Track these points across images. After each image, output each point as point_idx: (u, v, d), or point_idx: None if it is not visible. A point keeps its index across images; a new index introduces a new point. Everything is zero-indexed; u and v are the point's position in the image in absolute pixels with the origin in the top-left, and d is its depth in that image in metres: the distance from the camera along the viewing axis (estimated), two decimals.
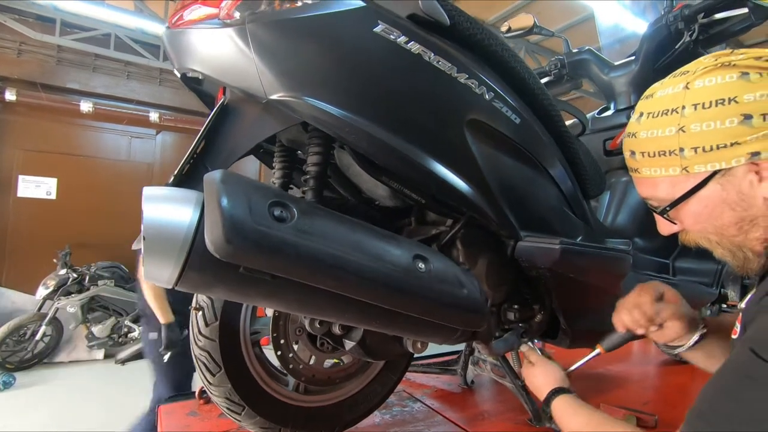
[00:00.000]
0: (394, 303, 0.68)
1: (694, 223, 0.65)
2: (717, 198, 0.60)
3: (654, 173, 0.65)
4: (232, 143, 0.77)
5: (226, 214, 0.53)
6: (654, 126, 0.64)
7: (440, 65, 0.74)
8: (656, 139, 0.63)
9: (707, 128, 0.58)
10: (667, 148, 0.62)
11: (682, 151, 0.60)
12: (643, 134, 0.65)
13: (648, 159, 0.65)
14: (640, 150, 0.66)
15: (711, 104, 0.58)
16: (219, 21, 0.71)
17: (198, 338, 0.87)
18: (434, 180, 0.76)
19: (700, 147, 0.59)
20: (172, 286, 0.58)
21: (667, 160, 0.62)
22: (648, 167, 0.66)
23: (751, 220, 0.59)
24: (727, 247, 0.64)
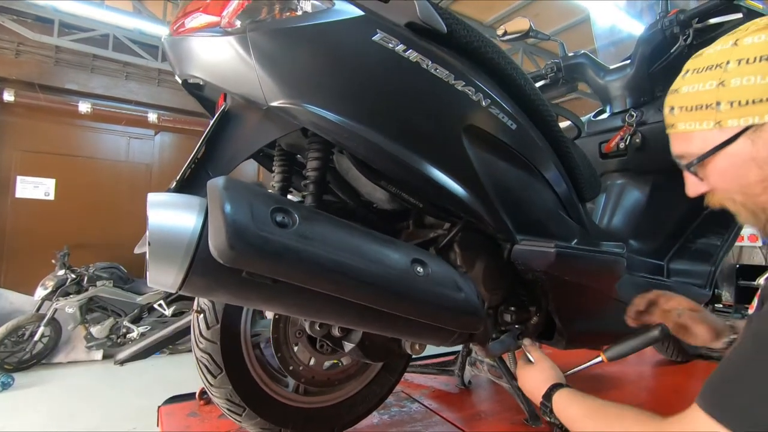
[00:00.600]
0: (393, 306, 0.69)
1: (721, 182, 0.65)
2: (746, 154, 0.60)
3: (688, 127, 0.65)
4: (233, 149, 0.78)
5: (229, 220, 0.54)
6: (696, 81, 0.64)
7: (438, 73, 0.76)
8: (695, 94, 0.64)
9: (747, 83, 0.58)
10: (704, 102, 0.62)
11: (718, 104, 0.61)
12: (685, 89, 0.66)
13: (685, 113, 0.66)
14: (678, 105, 0.67)
15: (756, 60, 0.58)
16: (220, 29, 0.72)
17: (199, 341, 0.89)
18: (432, 185, 0.77)
19: (736, 101, 0.59)
20: (175, 291, 0.59)
21: (703, 114, 0.63)
22: (684, 122, 0.66)
23: None
24: (750, 208, 0.64)
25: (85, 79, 5.54)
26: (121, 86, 5.77)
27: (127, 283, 4.78)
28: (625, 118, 1.56)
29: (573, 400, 0.77)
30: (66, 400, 3.73)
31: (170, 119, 5.88)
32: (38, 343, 4.33)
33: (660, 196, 1.53)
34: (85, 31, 5.18)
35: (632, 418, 0.65)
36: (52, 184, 5.41)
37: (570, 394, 0.78)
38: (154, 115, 5.71)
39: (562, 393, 0.79)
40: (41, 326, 4.28)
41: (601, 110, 1.75)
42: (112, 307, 4.61)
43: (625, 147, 1.54)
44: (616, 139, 1.57)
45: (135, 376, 4.15)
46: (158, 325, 4.51)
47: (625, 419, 0.66)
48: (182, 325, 2.38)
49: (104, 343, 4.56)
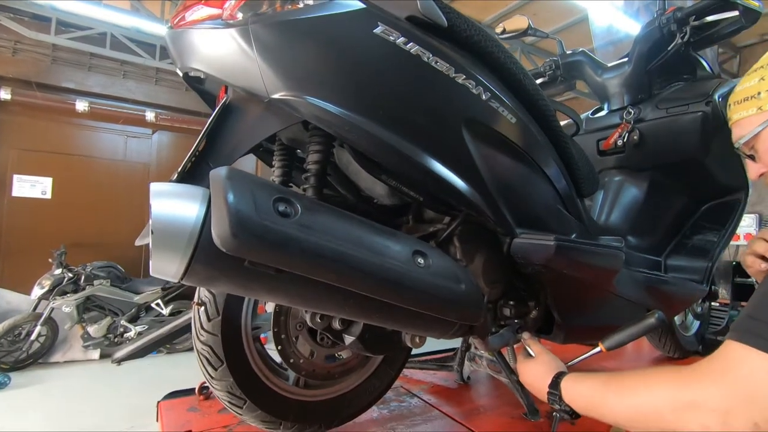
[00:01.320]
0: (394, 297, 0.70)
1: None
2: None
3: (739, 116, 0.83)
4: (234, 141, 0.79)
5: (233, 209, 0.55)
6: (745, 81, 0.84)
7: (438, 66, 0.76)
8: (744, 90, 0.83)
9: None
10: (750, 94, 0.81)
11: (759, 94, 0.79)
12: (738, 88, 0.85)
13: (736, 106, 0.84)
14: (733, 101, 0.86)
15: None
16: (222, 21, 0.72)
17: (200, 333, 0.89)
18: (432, 178, 0.78)
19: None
20: (178, 280, 0.60)
21: (748, 104, 0.81)
22: (736, 112, 0.84)
23: None
24: None
25: (82, 77, 5.53)
26: (119, 85, 5.76)
27: (124, 282, 4.76)
28: (623, 115, 1.57)
29: (582, 379, 0.76)
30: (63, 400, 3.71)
31: (168, 118, 5.86)
32: (35, 342, 4.31)
33: (657, 193, 1.54)
34: (83, 30, 5.17)
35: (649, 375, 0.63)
36: (49, 182, 5.40)
37: (576, 376, 0.78)
38: (152, 114, 5.70)
39: (569, 378, 0.79)
40: (38, 325, 4.26)
41: (599, 108, 1.76)
42: (109, 306, 4.59)
43: (623, 144, 1.55)
44: (614, 136, 1.58)
45: (132, 375, 4.14)
46: (156, 324, 4.50)
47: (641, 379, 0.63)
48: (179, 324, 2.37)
49: (101, 342, 4.55)
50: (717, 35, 1.49)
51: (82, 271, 4.51)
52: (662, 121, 1.49)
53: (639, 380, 0.64)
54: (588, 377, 0.75)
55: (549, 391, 0.81)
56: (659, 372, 0.62)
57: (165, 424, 1.19)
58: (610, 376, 0.70)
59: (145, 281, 4.85)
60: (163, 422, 1.20)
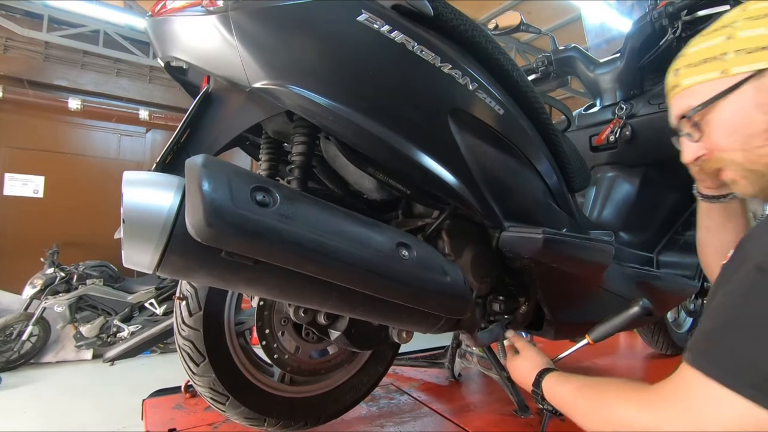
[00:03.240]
0: (377, 289, 0.68)
1: (724, 135, 0.64)
2: (750, 101, 0.60)
3: (693, 80, 0.66)
4: (216, 132, 0.77)
5: (207, 198, 0.53)
6: (703, 41, 0.66)
7: (424, 55, 0.75)
8: (702, 50, 0.65)
9: (753, 33, 0.59)
10: (711, 55, 0.63)
11: (724, 54, 0.62)
12: (692, 50, 0.67)
13: (690, 69, 0.66)
14: (684, 64, 0.68)
15: (761, 16, 0.60)
16: (202, 8, 0.71)
17: (182, 328, 0.87)
18: (418, 170, 0.76)
19: (743, 49, 0.60)
20: (152, 271, 0.58)
21: (708, 66, 0.63)
22: (688, 77, 0.67)
23: None
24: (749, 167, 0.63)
25: (75, 75, 5.49)
26: (112, 83, 5.72)
27: (117, 281, 4.73)
28: (615, 110, 1.57)
29: (560, 382, 0.76)
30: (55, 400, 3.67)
31: (162, 116, 5.83)
32: (26, 342, 4.27)
33: (650, 189, 1.54)
34: (75, 27, 5.13)
35: (616, 390, 0.62)
36: (41, 181, 5.35)
37: (557, 377, 0.78)
38: (146, 113, 5.66)
39: (549, 378, 0.79)
40: (30, 325, 4.22)
41: (592, 104, 1.75)
42: (102, 305, 4.55)
43: (615, 140, 1.54)
44: (607, 131, 1.57)
45: (125, 375, 4.11)
46: (149, 324, 4.46)
47: (608, 392, 0.63)
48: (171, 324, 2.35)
49: (94, 342, 4.51)
50: None
51: (75, 271, 4.47)
52: (654, 116, 1.49)
53: (608, 394, 0.63)
54: (566, 380, 0.75)
55: (532, 390, 0.81)
56: (627, 389, 0.61)
57: (149, 422, 1.17)
58: (585, 384, 0.70)
59: (138, 281, 4.81)
60: (147, 420, 1.18)
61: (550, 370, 0.81)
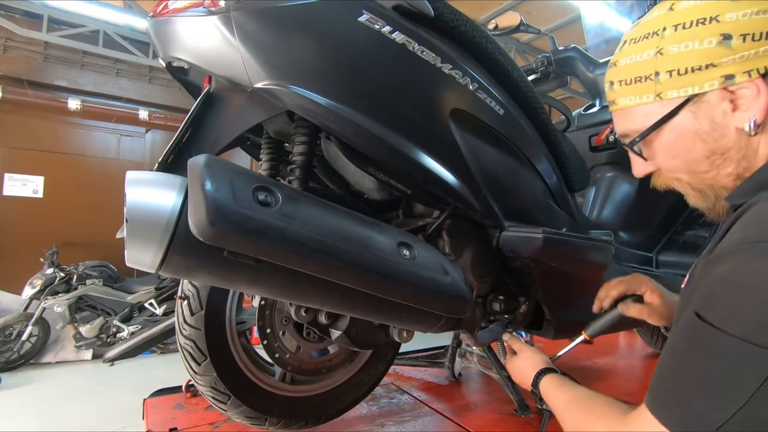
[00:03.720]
0: (378, 288, 0.68)
1: (666, 159, 0.62)
2: (689, 128, 0.57)
3: (629, 102, 0.61)
4: (217, 132, 0.77)
5: (210, 197, 0.53)
6: (633, 51, 0.60)
7: (424, 55, 0.75)
8: (634, 65, 0.60)
9: (684, 49, 0.55)
10: (643, 74, 0.59)
11: (657, 75, 0.57)
12: (623, 61, 0.62)
13: (624, 87, 0.61)
14: (618, 79, 0.62)
15: (692, 24, 0.54)
16: (204, 9, 0.71)
17: (183, 327, 0.87)
18: (419, 169, 0.77)
19: (675, 70, 0.56)
20: (155, 270, 0.58)
21: (642, 87, 0.59)
22: (624, 96, 0.62)
23: (723, 152, 0.57)
24: (698, 187, 0.63)
25: (74, 75, 5.48)
26: (112, 83, 5.71)
27: (117, 281, 4.72)
28: None
29: (556, 387, 0.76)
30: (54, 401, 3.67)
31: (161, 117, 5.82)
32: (26, 342, 4.26)
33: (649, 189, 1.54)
34: (75, 27, 5.13)
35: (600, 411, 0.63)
36: (41, 181, 5.34)
37: (554, 380, 0.78)
38: (145, 113, 5.65)
39: (547, 379, 0.79)
40: (29, 325, 4.21)
41: (591, 104, 1.76)
42: (101, 306, 4.55)
43: (615, 140, 1.55)
44: (606, 132, 1.57)
45: (125, 375, 4.10)
46: (149, 324, 4.45)
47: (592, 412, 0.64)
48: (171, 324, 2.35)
49: (94, 342, 4.50)
50: None
51: (74, 271, 4.47)
52: None
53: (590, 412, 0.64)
54: (561, 387, 0.75)
55: (531, 390, 0.81)
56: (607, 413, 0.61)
57: (150, 421, 1.17)
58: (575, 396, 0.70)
59: (138, 281, 4.81)
60: (148, 420, 1.18)
61: (549, 370, 0.81)
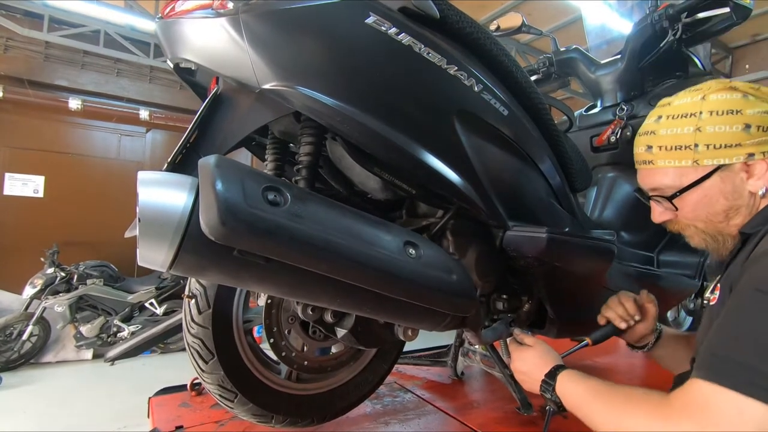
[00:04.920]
0: (385, 287, 0.69)
1: (691, 211, 0.78)
2: (716, 189, 0.75)
3: (668, 164, 0.78)
4: (225, 132, 0.78)
5: (221, 197, 0.54)
6: (674, 125, 0.77)
7: (430, 57, 0.76)
8: (675, 136, 0.77)
9: (719, 130, 0.73)
10: (684, 143, 0.75)
11: (696, 146, 0.74)
12: (663, 131, 0.79)
13: (664, 152, 0.78)
14: (657, 144, 0.79)
15: (723, 112, 0.73)
16: (212, 11, 0.72)
17: (191, 326, 0.88)
18: (424, 170, 0.77)
19: (711, 144, 0.73)
20: (166, 269, 0.59)
21: (682, 153, 0.76)
22: (663, 159, 0.78)
23: (737, 208, 0.75)
24: (710, 233, 0.79)
25: (75, 75, 5.49)
26: (112, 83, 5.72)
27: (117, 281, 4.73)
28: (616, 111, 1.58)
29: (577, 380, 0.78)
30: (55, 400, 3.68)
31: (162, 116, 5.83)
32: (27, 342, 4.27)
33: None
34: (76, 27, 5.13)
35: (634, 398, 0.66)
36: (42, 181, 5.35)
37: (574, 374, 0.80)
38: (146, 113, 5.66)
39: (566, 374, 0.80)
40: (30, 325, 4.22)
41: (593, 105, 1.76)
42: (102, 305, 4.55)
43: (616, 140, 1.55)
44: (607, 132, 1.58)
45: (126, 375, 4.11)
46: (149, 323, 4.46)
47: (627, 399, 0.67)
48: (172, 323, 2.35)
49: (94, 342, 4.51)
50: (708, 32, 1.50)
51: (75, 271, 4.47)
52: None
53: (624, 401, 0.68)
54: (583, 380, 0.77)
55: (544, 380, 0.82)
56: (642, 397, 0.66)
57: (156, 419, 1.17)
58: (602, 386, 0.73)
59: (138, 280, 4.81)
60: (153, 418, 1.19)
61: (562, 367, 0.82)
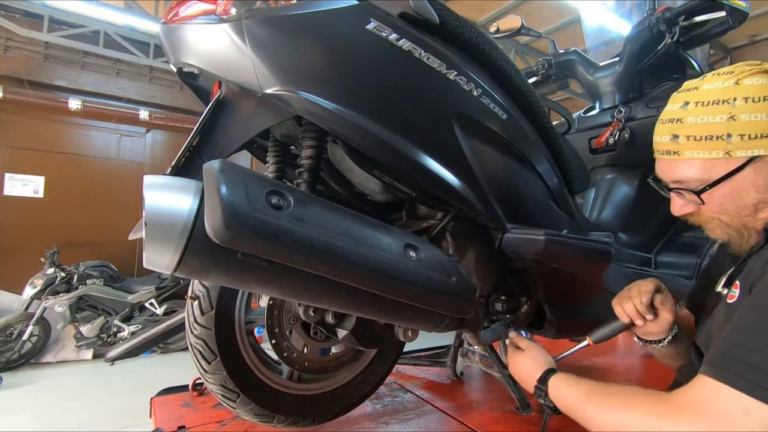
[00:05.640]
0: (385, 289, 0.70)
1: (718, 204, 0.71)
2: (748, 181, 0.68)
3: (696, 155, 0.70)
4: (228, 136, 0.79)
5: (226, 201, 0.55)
6: (704, 113, 0.69)
7: (430, 62, 0.77)
8: (706, 125, 0.69)
9: (755, 119, 0.65)
10: (716, 133, 0.68)
11: (729, 136, 0.66)
12: (691, 120, 0.70)
13: (693, 142, 0.70)
14: (685, 134, 0.71)
15: (760, 99, 0.65)
16: (216, 17, 0.73)
17: (194, 327, 0.89)
18: (424, 173, 0.79)
19: (746, 134, 0.66)
20: (171, 271, 0.60)
21: (713, 144, 0.68)
22: (692, 149, 0.70)
23: (766, 201, 0.69)
24: (734, 227, 0.73)
25: (75, 75, 5.49)
26: (112, 83, 5.72)
27: (117, 281, 4.73)
28: (614, 113, 1.59)
29: (568, 383, 0.78)
30: (55, 400, 3.68)
31: (162, 117, 5.83)
32: (27, 342, 4.27)
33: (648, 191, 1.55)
34: (76, 28, 5.13)
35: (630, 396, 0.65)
36: (42, 181, 5.35)
37: (565, 377, 0.80)
38: (146, 113, 5.66)
39: (558, 377, 0.81)
40: (30, 325, 4.22)
41: (591, 107, 1.78)
42: (102, 305, 4.56)
43: (615, 142, 1.57)
44: (606, 134, 1.59)
45: (126, 375, 4.11)
46: (149, 323, 4.47)
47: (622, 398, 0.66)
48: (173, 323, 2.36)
49: (94, 342, 4.51)
50: (706, 35, 1.52)
51: (75, 271, 4.48)
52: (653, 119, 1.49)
53: (620, 399, 0.66)
54: (575, 382, 0.77)
55: (536, 386, 0.83)
56: (640, 395, 0.64)
57: (158, 419, 1.18)
58: (595, 387, 0.72)
59: (138, 281, 4.82)
60: (156, 418, 1.20)
61: (556, 370, 0.83)
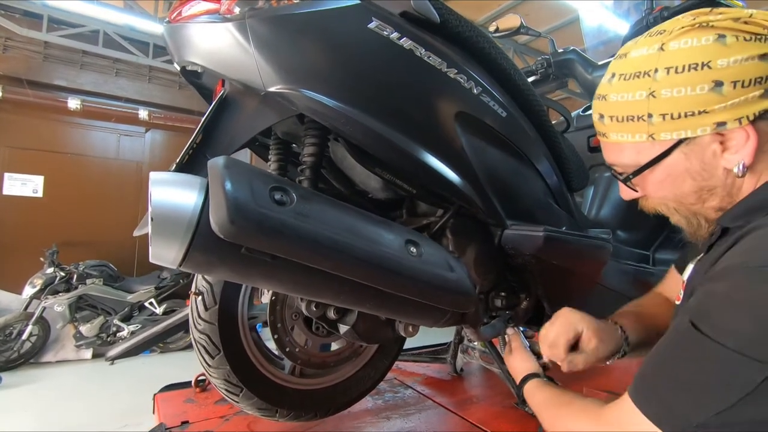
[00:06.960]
0: (387, 284, 0.71)
1: (656, 191, 0.65)
2: (680, 167, 0.60)
3: (621, 138, 0.63)
4: (231, 134, 0.80)
5: (230, 197, 0.56)
6: (625, 89, 0.61)
7: (431, 60, 0.79)
8: (626, 103, 0.60)
9: (677, 94, 0.56)
10: (636, 113, 0.60)
11: (650, 117, 0.58)
12: (613, 97, 0.62)
13: (616, 123, 0.63)
14: (608, 114, 0.64)
15: (684, 69, 0.55)
16: (219, 16, 0.74)
17: (198, 322, 0.90)
18: (425, 170, 0.80)
19: (668, 114, 0.57)
20: (177, 266, 0.61)
21: (635, 126, 0.60)
22: (615, 132, 0.63)
23: (710, 189, 0.60)
24: (684, 214, 0.66)
25: (74, 75, 5.48)
26: (111, 83, 5.71)
27: (117, 281, 4.73)
28: None
29: (538, 390, 0.80)
30: (55, 400, 3.68)
31: (161, 116, 5.83)
32: (26, 342, 4.27)
33: None
34: (75, 27, 5.13)
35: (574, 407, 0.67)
36: (41, 181, 5.34)
37: (538, 384, 0.82)
38: (145, 113, 5.65)
39: (531, 383, 0.83)
40: (29, 325, 4.22)
41: (590, 105, 1.79)
42: (101, 305, 4.56)
43: None
44: None
45: (125, 374, 4.11)
46: (149, 323, 4.47)
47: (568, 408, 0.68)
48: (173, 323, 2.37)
49: (94, 341, 4.51)
50: None
51: (75, 270, 4.47)
52: None
53: (569, 411, 0.68)
54: (544, 389, 0.79)
55: (515, 392, 0.85)
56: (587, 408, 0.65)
57: (162, 415, 1.19)
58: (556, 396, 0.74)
59: (138, 280, 4.82)
60: (159, 413, 1.21)
61: (535, 375, 0.85)
